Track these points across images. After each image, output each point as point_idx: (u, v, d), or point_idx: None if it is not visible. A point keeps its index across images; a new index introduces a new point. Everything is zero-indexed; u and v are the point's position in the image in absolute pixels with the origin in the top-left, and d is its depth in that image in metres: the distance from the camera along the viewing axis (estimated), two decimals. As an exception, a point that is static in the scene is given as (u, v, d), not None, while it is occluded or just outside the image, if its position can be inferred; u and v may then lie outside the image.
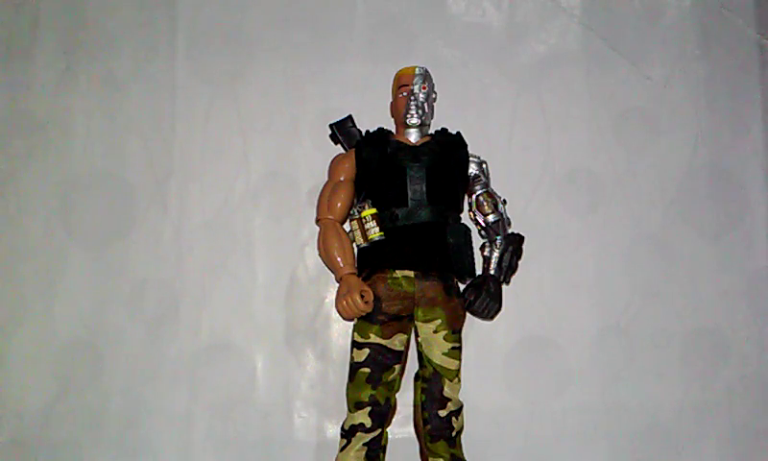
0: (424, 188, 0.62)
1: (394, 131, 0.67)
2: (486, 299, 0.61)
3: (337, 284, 0.61)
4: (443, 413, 0.60)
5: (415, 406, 0.62)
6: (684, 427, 0.65)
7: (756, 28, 0.67)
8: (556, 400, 0.64)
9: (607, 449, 0.64)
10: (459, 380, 0.61)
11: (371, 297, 0.59)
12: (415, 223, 0.62)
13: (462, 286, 0.63)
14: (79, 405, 0.64)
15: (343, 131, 0.65)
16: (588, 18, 0.66)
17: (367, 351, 0.60)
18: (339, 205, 0.65)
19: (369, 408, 0.59)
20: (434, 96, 0.66)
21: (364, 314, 0.59)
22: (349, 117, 0.66)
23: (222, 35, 0.66)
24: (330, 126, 0.64)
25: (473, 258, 0.62)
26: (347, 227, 0.63)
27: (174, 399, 0.64)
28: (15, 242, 0.65)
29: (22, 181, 0.65)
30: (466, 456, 0.61)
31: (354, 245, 0.63)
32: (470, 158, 0.65)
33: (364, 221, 0.62)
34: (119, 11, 0.65)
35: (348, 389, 0.60)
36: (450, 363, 0.61)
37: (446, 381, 0.60)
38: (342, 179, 0.65)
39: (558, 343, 0.65)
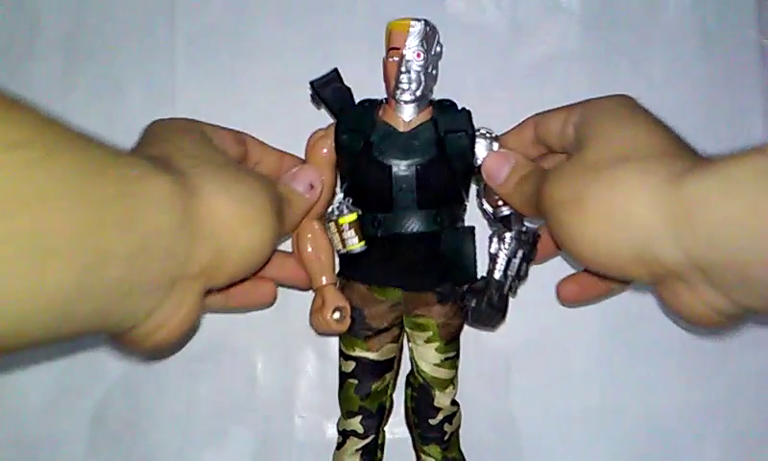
0: (414, 191, 0.49)
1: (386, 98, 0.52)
2: (486, 310, 0.52)
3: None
4: (433, 422, 0.56)
5: (406, 408, 0.59)
6: (686, 429, 0.64)
7: (756, 28, 0.66)
8: (556, 402, 0.64)
9: (607, 451, 0.64)
10: (454, 386, 0.56)
11: (347, 313, 0.53)
12: (401, 233, 0.50)
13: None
14: (79, 405, 0.64)
15: (326, 91, 0.52)
16: (588, 18, 0.66)
17: (353, 363, 0.55)
18: None
19: (360, 416, 0.55)
20: (436, 53, 0.50)
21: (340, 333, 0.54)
22: (334, 72, 0.52)
23: (222, 35, 0.65)
24: (311, 84, 0.53)
25: (476, 260, 0.54)
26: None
27: (174, 399, 0.64)
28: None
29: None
30: (464, 452, 0.59)
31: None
32: (478, 138, 0.51)
33: (341, 229, 0.51)
34: (119, 11, 0.65)
35: (338, 394, 0.57)
36: (443, 373, 0.55)
37: (437, 392, 0.55)
38: (318, 165, 0.52)
39: (558, 344, 0.65)
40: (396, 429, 0.61)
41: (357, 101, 0.53)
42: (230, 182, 0.39)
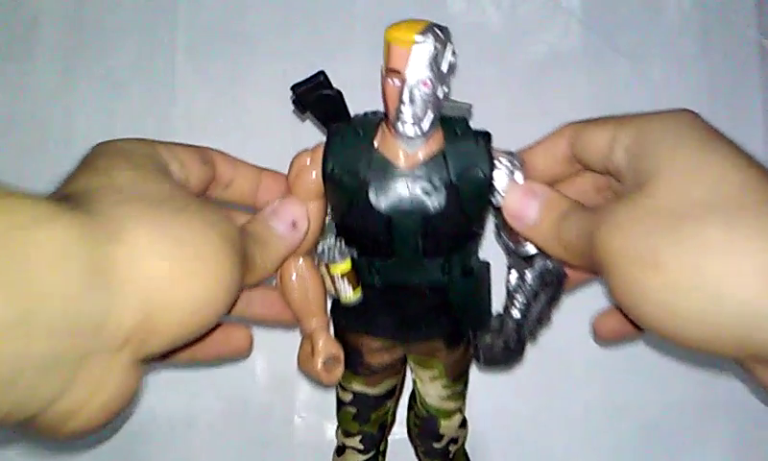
0: (419, 240, 0.40)
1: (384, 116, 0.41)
2: (501, 355, 0.45)
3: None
4: (438, 445, 0.52)
5: (408, 428, 0.54)
6: (687, 428, 0.64)
7: (756, 28, 0.66)
8: (557, 401, 0.64)
9: (608, 450, 0.64)
10: (461, 412, 0.51)
11: (341, 362, 0.46)
12: (402, 285, 0.42)
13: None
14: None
15: (311, 99, 0.42)
16: (588, 18, 0.66)
17: (351, 395, 0.49)
18: None
19: (359, 437, 0.50)
20: (450, 67, 0.39)
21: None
22: (321, 75, 0.41)
23: (222, 35, 0.65)
24: (293, 90, 0.42)
25: (491, 304, 0.46)
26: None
27: (174, 399, 0.64)
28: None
29: (22, 181, 0.65)
30: (468, 452, 0.57)
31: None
32: (498, 165, 0.40)
33: (333, 278, 0.42)
34: (119, 11, 0.65)
35: (336, 411, 0.51)
36: (449, 406, 0.49)
37: (443, 421, 0.50)
38: (304, 198, 0.42)
39: (559, 343, 0.64)
40: (397, 429, 0.61)
41: (353, 114, 0.44)
42: (167, 222, 0.30)
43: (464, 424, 0.53)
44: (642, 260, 0.30)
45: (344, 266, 0.42)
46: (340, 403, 0.50)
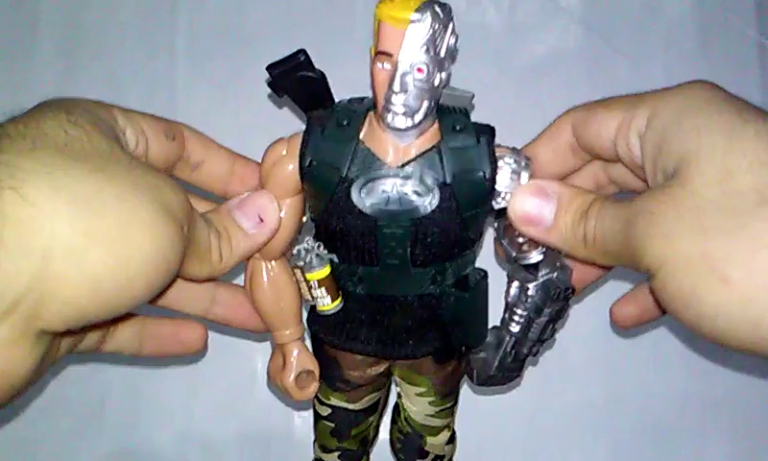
0: (407, 247, 0.35)
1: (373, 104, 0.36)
2: (496, 374, 0.41)
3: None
4: None
5: (391, 440, 0.50)
6: (687, 424, 0.64)
7: (756, 28, 0.66)
8: (556, 397, 0.64)
9: (609, 445, 0.64)
10: (449, 428, 0.47)
11: (315, 378, 0.43)
12: (388, 295, 0.38)
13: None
14: (79, 404, 0.64)
15: (289, 82, 0.37)
16: (588, 18, 0.66)
17: (329, 409, 0.45)
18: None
19: (338, 453, 0.46)
20: (449, 50, 0.34)
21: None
22: (301, 54, 0.37)
23: (222, 35, 0.65)
24: (268, 70, 0.37)
25: (487, 319, 0.41)
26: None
27: (174, 397, 0.64)
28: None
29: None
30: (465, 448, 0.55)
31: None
32: (501, 164, 0.35)
33: (310, 285, 0.38)
34: (119, 11, 0.65)
35: (313, 424, 0.48)
36: (436, 422, 0.45)
37: (428, 438, 0.46)
38: (279, 193, 0.37)
39: (559, 339, 0.65)
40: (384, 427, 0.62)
41: (338, 99, 0.39)
42: (85, 178, 0.26)
43: (452, 439, 0.48)
44: (701, 270, 0.26)
45: (321, 273, 0.37)
46: (317, 416, 0.46)
